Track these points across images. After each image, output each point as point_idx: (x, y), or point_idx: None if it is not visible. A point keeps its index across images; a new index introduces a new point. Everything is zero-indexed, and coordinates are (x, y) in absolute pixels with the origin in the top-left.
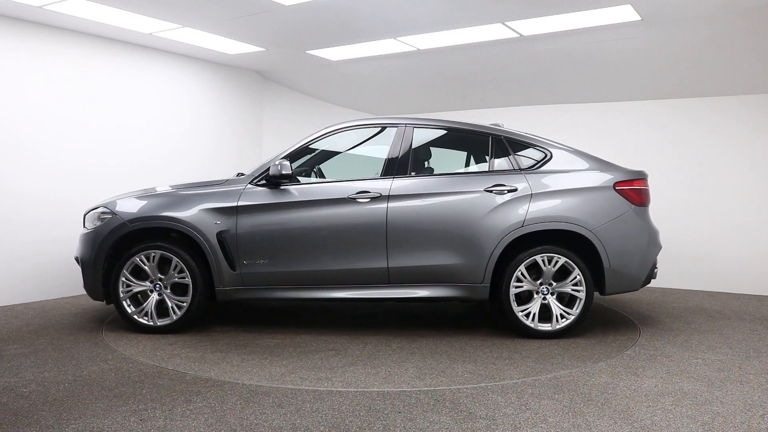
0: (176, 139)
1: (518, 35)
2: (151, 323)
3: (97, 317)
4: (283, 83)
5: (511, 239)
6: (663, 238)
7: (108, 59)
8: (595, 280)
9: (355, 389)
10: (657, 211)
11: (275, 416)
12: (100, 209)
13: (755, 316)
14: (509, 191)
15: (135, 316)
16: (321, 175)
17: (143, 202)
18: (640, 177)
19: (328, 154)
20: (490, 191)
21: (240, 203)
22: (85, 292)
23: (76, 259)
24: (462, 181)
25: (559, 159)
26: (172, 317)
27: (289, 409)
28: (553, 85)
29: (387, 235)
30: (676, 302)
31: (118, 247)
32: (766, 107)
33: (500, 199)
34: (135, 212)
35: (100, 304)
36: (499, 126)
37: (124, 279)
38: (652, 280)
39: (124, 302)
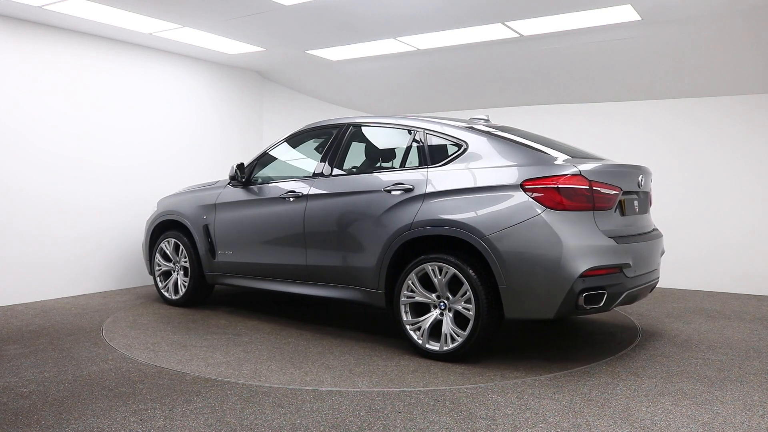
0: (178, 139)
1: (518, 35)
2: (169, 296)
3: (97, 317)
4: (283, 83)
5: (400, 243)
6: (663, 239)
7: (108, 59)
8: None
9: (355, 389)
10: (656, 212)
11: (275, 416)
12: (155, 205)
13: (755, 316)
14: (405, 191)
15: (162, 290)
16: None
17: (169, 200)
18: (566, 173)
19: (291, 157)
20: (389, 191)
21: (217, 201)
22: (85, 292)
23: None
24: (369, 180)
25: (475, 151)
26: (180, 293)
27: (289, 409)
28: (553, 85)
29: (304, 233)
30: (676, 302)
31: (160, 234)
32: (766, 107)
33: (395, 200)
34: (162, 207)
35: (99, 304)
36: (485, 120)
37: (156, 260)
38: (597, 308)
39: (157, 278)
